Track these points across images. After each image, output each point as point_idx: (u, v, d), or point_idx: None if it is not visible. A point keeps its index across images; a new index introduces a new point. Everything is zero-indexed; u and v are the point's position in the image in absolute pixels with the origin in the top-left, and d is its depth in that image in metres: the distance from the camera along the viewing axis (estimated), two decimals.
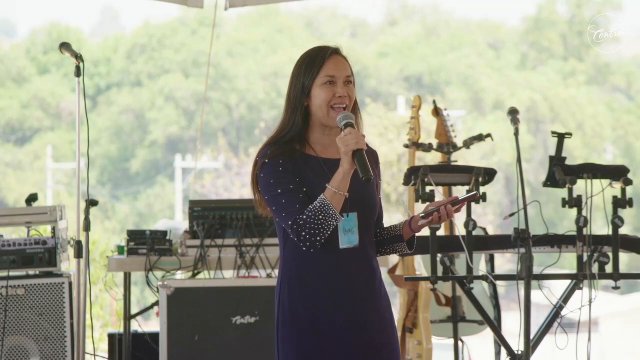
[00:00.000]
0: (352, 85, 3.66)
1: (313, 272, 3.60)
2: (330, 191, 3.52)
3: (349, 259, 3.60)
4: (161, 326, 5.86)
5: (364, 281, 3.63)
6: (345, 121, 3.56)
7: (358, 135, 3.51)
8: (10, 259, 5.93)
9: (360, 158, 3.48)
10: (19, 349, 5.88)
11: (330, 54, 3.65)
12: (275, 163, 3.61)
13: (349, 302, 3.60)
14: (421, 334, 6.23)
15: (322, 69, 3.62)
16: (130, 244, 6.29)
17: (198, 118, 35.17)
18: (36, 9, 52.52)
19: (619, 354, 24.32)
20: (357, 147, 3.49)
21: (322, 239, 3.54)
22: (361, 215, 3.62)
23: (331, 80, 3.62)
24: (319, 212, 3.52)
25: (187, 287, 5.90)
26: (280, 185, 3.59)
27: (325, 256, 3.59)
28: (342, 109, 3.62)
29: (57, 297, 5.92)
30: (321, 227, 3.52)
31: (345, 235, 3.59)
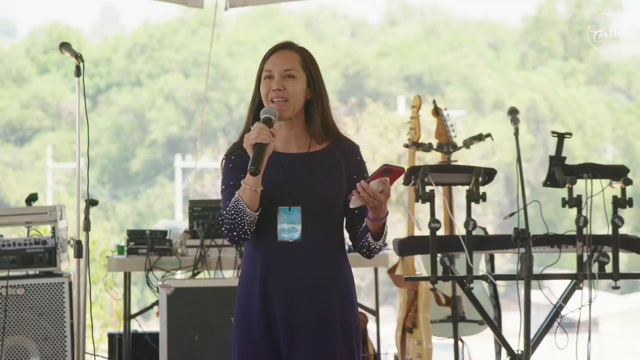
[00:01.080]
0: (297, 78, 3.67)
1: (254, 265, 3.63)
2: (242, 187, 3.54)
3: (290, 253, 3.59)
4: (161, 326, 5.86)
5: (307, 276, 3.60)
6: (263, 116, 3.59)
7: (261, 130, 3.50)
8: (10, 259, 5.93)
9: (258, 151, 3.48)
10: (19, 349, 5.88)
11: (274, 50, 3.71)
12: (228, 160, 3.68)
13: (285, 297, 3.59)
14: (421, 334, 6.23)
15: (264, 65, 3.69)
16: (130, 244, 6.29)
17: (198, 118, 35.17)
18: (36, 9, 52.52)
19: (619, 354, 24.32)
20: (256, 141, 3.49)
21: (242, 234, 3.57)
22: (309, 209, 3.59)
23: (269, 75, 3.67)
24: (232, 208, 3.55)
25: (187, 287, 5.90)
26: (225, 181, 3.66)
27: (264, 249, 3.61)
28: (283, 102, 3.64)
29: (57, 297, 5.92)
30: (235, 223, 3.55)
31: (286, 229, 3.59)
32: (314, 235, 3.61)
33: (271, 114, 3.58)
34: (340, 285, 3.66)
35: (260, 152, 3.48)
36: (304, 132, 3.70)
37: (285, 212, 3.59)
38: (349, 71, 38.06)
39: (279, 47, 3.72)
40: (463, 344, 6.51)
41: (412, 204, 6.17)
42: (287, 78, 3.66)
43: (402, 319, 6.38)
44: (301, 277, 3.60)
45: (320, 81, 3.73)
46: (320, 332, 3.60)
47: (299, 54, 3.71)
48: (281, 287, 3.60)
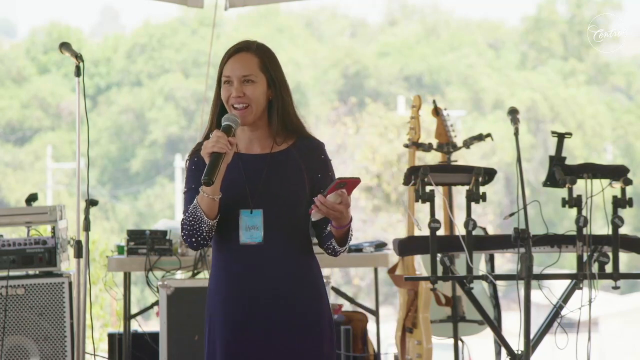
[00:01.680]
0: (256, 82, 3.62)
1: (218, 267, 3.61)
2: (200, 194, 3.51)
3: (252, 256, 3.56)
4: (161, 326, 5.86)
5: (269, 278, 3.57)
6: (224, 123, 3.54)
7: (219, 139, 3.46)
8: (10, 259, 5.93)
9: (213, 161, 3.44)
10: (19, 349, 5.88)
11: (232, 53, 3.66)
12: (191, 161, 3.65)
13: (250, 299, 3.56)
14: (421, 334, 6.23)
15: (223, 69, 3.64)
16: (130, 244, 6.28)
17: (198, 118, 35.15)
18: (36, 9, 52.53)
19: (619, 354, 24.32)
20: (212, 150, 3.46)
21: (201, 240, 3.54)
22: (271, 211, 3.56)
23: (227, 81, 3.62)
24: (191, 215, 3.53)
25: (187, 287, 5.90)
26: (187, 183, 3.63)
27: (227, 252, 3.59)
28: (244, 108, 3.59)
29: (57, 297, 5.92)
30: (193, 229, 3.53)
31: (248, 232, 3.55)
32: (277, 238, 3.57)
33: (232, 122, 3.54)
34: (306, 285, 3.61)
35: (215, 161, 3.45)
36: (268, 133, 3.64)
37: (246, 214, 3.55)
38: (349, 71, 38.07)
39: (236, 51, 3.67)
40: (463, 344, 6.51)
41: (412, 204, 6.16)
42: (246, 83, 3.61)
43: (402, 319, 6.38)
44: (264, 280, 3.56)
45: (281, 80, 3.66)
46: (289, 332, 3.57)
47: (257, 56, 3.65)
48: (244, 289, 3.56)
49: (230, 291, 3.58)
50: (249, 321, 3.57)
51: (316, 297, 3.62)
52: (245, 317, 3.57)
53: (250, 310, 3.56)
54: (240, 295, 3.57)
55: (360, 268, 24.67)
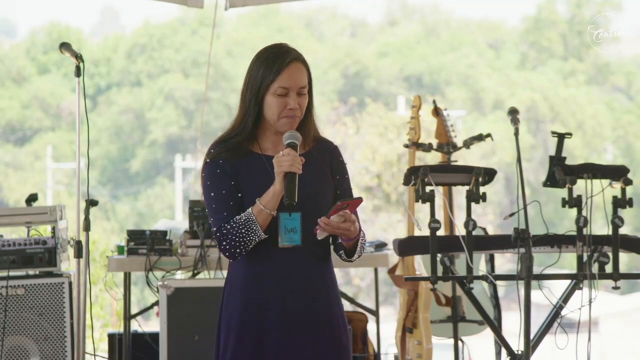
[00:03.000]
0: (307, 93, 3.61)
1: (252, 271, 3.58)
2: (257, 207, 3.50)
3: (290, 258, 3.57)
4: (161, 326, 5.86)
5: (306, 281, 3.58)
6: (288, 141, 3.53)
7: (295, 158, 3.46)
8: (10, 259, 5.93)
9: (290, 181, 3.45)
10: (19, 349, 5.88)
11: (288, 62, 3.59)
12: (215, 164, 3.60)
13: (286, 302, 3.57)
14: (421, 334, 6.23)
15: (278, 78, 3.56)
16: (130, 244, 6.28)
17: (198, 118, 35.18)
18: (36, 9, 52.53)
19: (619, 354, 24.32)
20: (290, 170, 3.45)
21: (243, 251, 3.53)
22: (307, 214, 3.56)
23: (285, 93, 3.57)
24: (242, 226, 3.50)
25: (187, 287, 5.90)
26: (214, 188, 3.58)
27: (265, 255, 3.57)
28: (293, 120, 3.58)
29: (57, 297, 5.91)
30: (242, 241, 3.51)
31: (287, 235, 3.55)
32: (313, 239, 3.58)
33: (296, 139, 3.54)
34: (333, 286, 3.66)
35: (293, 181, 3.45)
36: None
37: (286, 217, 3.55)
38: (349, 71, 38.07)
39: (292, 60, 3.60)
40: (463, 344, 6.51)
41: (412, 204, 6.16)
42: (300, 95, 3.60)
43: (402, 319, 6.38)
44: (302, 281, 3.58)
45: (312, 87, 3.68)
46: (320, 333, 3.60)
47: (305, 67, 3.63)
48: (282, 291, 3.57)
49: (266, 294, 3.57)
50: (284, 322, 3.57)
51: (339, 298, 3.68)
52: (281, 318, 3.56)
53: (290, 312, 3.56)
54: (278, 298, 3.56)
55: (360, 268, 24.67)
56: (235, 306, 3.60)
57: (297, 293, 3.57)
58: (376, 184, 27.98)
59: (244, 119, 3.62)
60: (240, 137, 3.61)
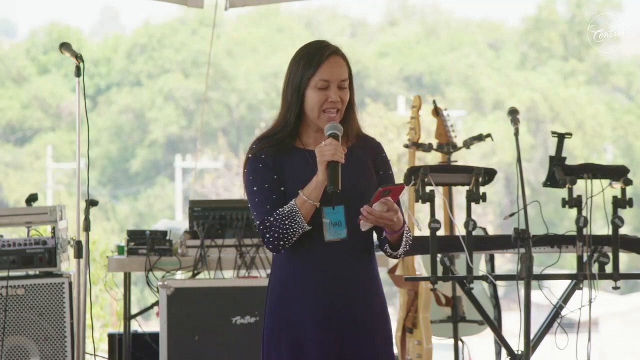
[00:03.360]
0: (347, 87, 3.63)
1: (298, 267, 3.60)
2: (301, 198, 3.51)
3: (338, 252, 3.58)
4: (161, 326, 5.86)
5: (354, 274, 3.61)
6: (330, 132, 3.55)
7: (337, 147, 3.49)
8: (10, 259, 5.93)
9: (333, 170, 3.47)
10: (19, 349, 5.88)
11: (328, 55, 3.60)
12: (258, 159, 3.61)
13: (336, 296, 3.58)
14: (421, 334, 6.23)
15: (318, 71, 3.58)
16: (130, 244, 6.28)
17: (198, 118, 35.19)
18: (36, 9, 52.53)
19: (619, 354, 24.32)
20: (333, 159, 3.47)
21: (287, 244, 3.54)
22: (351, 207, 3.57)
23: (325, 86, 3.59)
24: (285, 217, 3.51)
25: (187, 287, 5.90)
26: (257, 182, 3.59)
27: (311, 250, 3.58)
28: (335, 113, 3.60)
29: (57, 297, 5.91)
30: (286, 233, 3.52)
31: (333, 228, 3.56)
32: (358, 233, 3.59)
33: (338, 130, 3.55)
34: (377, 279, 3.70)
35: (336, 170, 3.47)
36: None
37: (329, 211, 3.55)
38: None
39: (331, 53, 3.62)
40: (463, 344, 6.51)
41: (412, 204, 6.17)
42: (341, 89, 3.61)
43: (402, 319, 6.38)
44: (350, 274, 3.60)
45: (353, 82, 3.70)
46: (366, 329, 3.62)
47: (345, 61, 3.65)
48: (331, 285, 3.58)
49: (315, 289, 3.58)
50: (335, 316, 3.58)
51: (380, 291, 3.70)
52: (332, 313, 3.58)
53: (336, 306, 3.58)
54: (328, 292, 3.58)
55: None
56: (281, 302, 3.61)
57: (347, 285, 3.59)
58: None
59: (286, 115, 3.63)
60: (282, 134, 3.63)
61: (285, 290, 3.61)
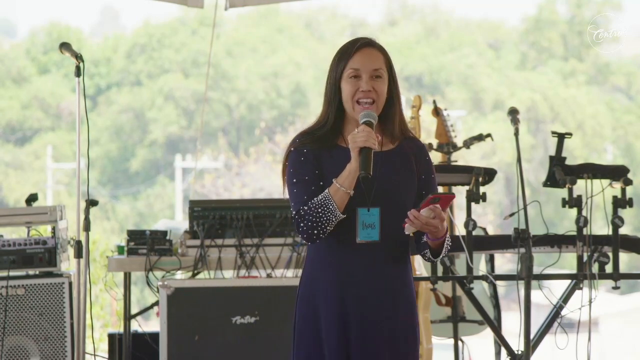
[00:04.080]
0: (383, 78, 3.60)
1: (329, 267, 3.58)
2: (334, 186, 3.49)
3: (369, 255, 3.56)
4: (161, 326, 5.86)
5: (385, 280, 3.59)
6: (364, 119, 3.52)
7: (369, 134, 3.46)
8: (10, 259, 5.93)
9: (365, 156, 3.44)
10: (19, 349, 5.88)
11: (359, 47, 3.61)
12: (299, 152, 3.60)
13: (363, 301, 3.57)
14: (421, 334, 6.23)
15: (349, 62, 3.59)
16: (131, 244, 6.28)
17: (198, 118, 35.18)
18: (36, 9, 52.52)
19: (619, 354, 24.31)
20: (365, 145, 3.45)
21: (321, 233, 3.51)
22: (386, 210, 3.55)
23: (356, 75, 3.58)
24: (319, 205, 3.49)
25: (187, 287, 5.90)
26: (297, 175, 3.58)
27: (342, 250, 3.56)
28: (369, 103, 3.58)
29: (57, 297, 5.91)
30: (319, 221, 3.49)
31: (365, 230, 3.53)
32: (391, 236, 3.58)
33: (372, 118, 3.53)
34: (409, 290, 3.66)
35: (369, 156, 3.44)
36: (378, 130, 3.60)
37: (364, 212, 3.54)
38: None
39: (364, 45, 3.63)
40: (463, 344, 6.51)
41: None
42: (375, 78, 3.59)
43: None
44: (379, 278, 3.58)
45: (397, 80, 3.67)
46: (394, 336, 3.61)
47: (382, 53, 3.64)
48: (359, 288, 3.57)
49: (345, 289, 3.56)
50: (363, 318, 3.57)
51: (412, 297, 3.67)
52: (360, 315, 3.57)
53: (364, 308, 3.57)
54: (357, 294, 3.56)
55: None
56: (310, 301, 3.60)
57: (376, 289, 3.57)
58: None
59: (327, 111, 3.64)
60: (324, 130, 3.62)
61: (314, 287, 3.60)
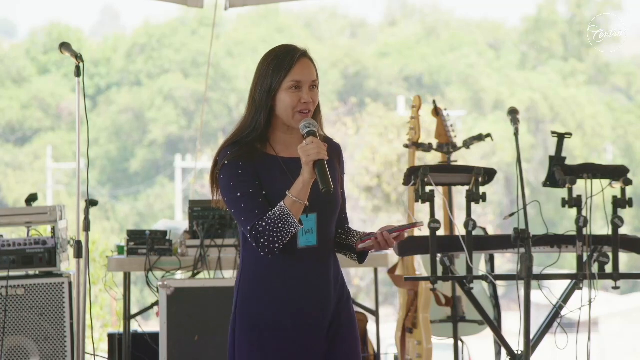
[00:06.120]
0: (317, 88, 3.66)
1: (272, 272, 3.61)
2: (290, 199, 3.51)
3: (307, 258, 3.61)
4: (161, 326, 5.87)
5: (322, 279, 3.63)
6: (307, 129, 3.55)
7: (320, 145, 3.49)
8: (10, 259, 5.93)
9: (321, 169, 3.48)
10: (19, 349, 5.88)
11: (298, 57, 3.64)
12: (235, 165, 3.59)
13: (307, 301, 3.61)
14: (421, 334, 6.23)
15: (290, 73, 3.61)
16: (130, 244, 6.28)
17: (198, 118, 35.18)
18: (36, 9, 52.54)
19: (619, 354, 24.33)
20: (319, 157, 3.48)
21: (281, 246, 3.54)
22: (321, 215, 3.61)
23: (297, 86, 3.61)
24: (278, 220, 3.51)
25: (187, 287, 5.90)
26: (240, 188, 3.57)
27: (283, 256, 3.59)
28: (307, 113, 3.61)
29: (57, 297, 5.92)
30: (280, 235, 3.52)
31: (304, 236, 3.58)
32: (326, 240, 3.64)
33: (315, 127, 3.57)
34: (343, 283, 3.72)
35: (324, 168, 3.48)
36: (301, 137, 3.62)
37: (303, 219, 3.57)
38: (349, 71, 38.07)
39: (302, 55, 3.66)
40: (463, 344, 6.51)
41: (412, 204, 6.17)
42: (312, 89, 3.64)
43: (402, 319, 6.38)
44: (320, 281, 3.63)
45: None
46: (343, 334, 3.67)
47: (313, 63, 3.69)
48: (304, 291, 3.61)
49: (288, 294, 3.60)
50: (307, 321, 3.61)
51: (348, 294, 3.74)
52: (304, 318, 3.61)
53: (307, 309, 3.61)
54: (301, 297, 3.60)
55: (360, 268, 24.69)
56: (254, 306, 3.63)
57: (319, 292, 3.62)
58: (376, 184, 27.97)
59: (254, 119, 3.63)
60: (251, 137, 3.63)
61: (257, 291, 3.62)
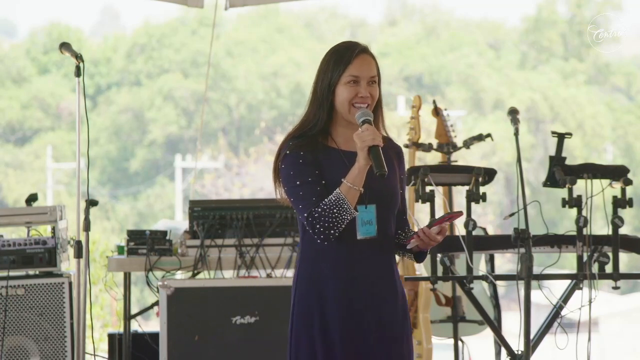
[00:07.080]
0: (376, 84, 3.76)
1: (330, 263, 3.67)
2: (345, 186, 3.59)
3: (367, 250, 3.67)
4: (161, 326, 5.87)
5: (381, 271, 3.70)
6: (363, 118, 3.64)
7: (375, 132, 3.59)
8: (10, 259, 5.93)
9: (376, 154, 3.57)
10: (19, 349, 5.88)
11: (357, 53, 3.74)
12: (296, 155, 3.69)
13: (365, 293, 3.67)
14: (421, 334, 6.23)
15: (348, 67, 3.71)
16: (130, 244, 6.28)
17: (198, 118, 35.18)
18: (36, 9, 52.53)
19: (619, 354, 24.32)
20: (373, 143, 3.57)
21: (337, 232, 3.61)
22: (380, 207, 3.68)
23: (355, 80, 3.71)
24: (334, 206, 3.59)
25: (187, 287, 5.90)
26: (300, 177, 3.67)
27: (343, 247, 3.66)
28: (364, 106, 3.70)
29: (57, 297, 5.92)
30: (335, 221, 3.59)
31: (364, 227, 3.66)
32: (386, 232, 3.71)
33: (370, 116, 3.66)
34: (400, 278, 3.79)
35: (379, 153, 3.57)
36: None
37: (362, 210, 3.65)
38: None
39: (362, 51, 3.76)
40: (463, 344, 6.51)
41: (412, 204, 6.17)
42: (371, 84, 3.74)
43: None
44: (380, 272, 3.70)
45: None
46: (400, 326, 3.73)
47: (374, 59, 3.80)
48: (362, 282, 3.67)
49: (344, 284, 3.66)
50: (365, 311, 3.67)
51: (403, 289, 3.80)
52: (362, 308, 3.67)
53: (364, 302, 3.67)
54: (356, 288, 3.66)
55: None
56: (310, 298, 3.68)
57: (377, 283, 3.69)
58: None
59: (317, 112, 3.73)
60: (314, 131, 3.73)
61: (313, 284, 3.68)
